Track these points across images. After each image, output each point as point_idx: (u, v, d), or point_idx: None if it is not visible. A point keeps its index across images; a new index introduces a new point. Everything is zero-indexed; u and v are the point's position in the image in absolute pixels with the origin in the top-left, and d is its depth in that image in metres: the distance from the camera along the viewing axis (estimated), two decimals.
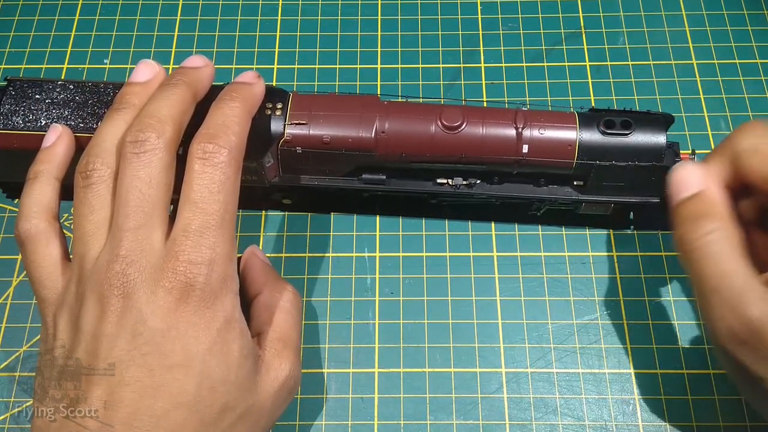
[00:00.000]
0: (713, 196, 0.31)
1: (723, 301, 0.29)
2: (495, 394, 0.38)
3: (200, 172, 0.29)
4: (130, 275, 0.27)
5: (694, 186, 0.31)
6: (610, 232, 0.42)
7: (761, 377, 0.28)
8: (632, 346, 0.39)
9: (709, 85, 0.47)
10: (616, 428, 0.37)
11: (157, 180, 0.29)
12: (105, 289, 0.27)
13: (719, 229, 0.30)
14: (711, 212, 0.30)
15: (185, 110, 0.31)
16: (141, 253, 0.28)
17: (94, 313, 0.27)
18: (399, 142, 0.37)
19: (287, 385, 0.31)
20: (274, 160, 0.38)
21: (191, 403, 0.27)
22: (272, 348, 0.32)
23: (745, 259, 0.29)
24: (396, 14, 0.51)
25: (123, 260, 0.27)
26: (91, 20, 0.50)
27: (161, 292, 0.27)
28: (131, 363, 0.27)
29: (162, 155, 0.29)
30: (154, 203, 0.29)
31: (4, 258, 0.42)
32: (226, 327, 0.28)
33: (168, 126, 0.29)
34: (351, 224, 0.43)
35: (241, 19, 0.50)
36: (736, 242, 0.30)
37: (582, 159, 0.37)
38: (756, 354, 0.28)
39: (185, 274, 0.27)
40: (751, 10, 0.50)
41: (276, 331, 0.32)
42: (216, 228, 0.28)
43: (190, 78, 0.32)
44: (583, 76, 0.48)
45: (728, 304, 0.29)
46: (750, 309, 0.28)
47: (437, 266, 0.41)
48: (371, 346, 0.39)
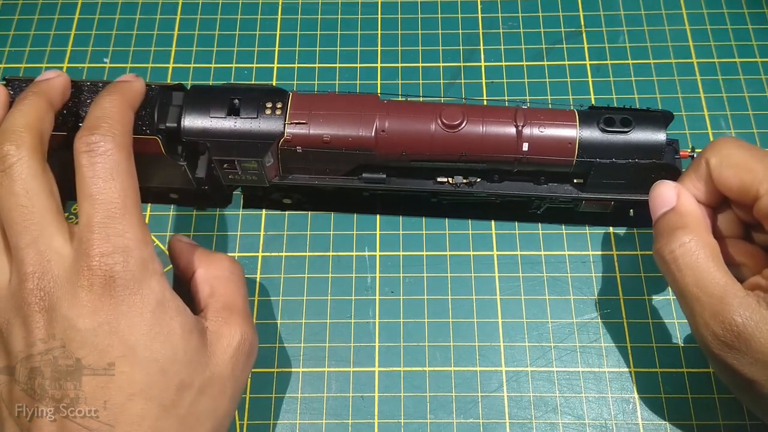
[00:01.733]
0: (687, 209, 0.32)
1: (705, 308, 0.29)
2: (495, 393, 0.38)
3: (89, 164, 0.28)
4: (45, 288, 0.27)
5: (669, 201, 0.33)
6: (610, 230, 0.42)
7: (751, 379, 0.29)
8: (632, 345, 0.39)
9: (709, 83, 0.47)
10: (615, 427, 0.37)
11: (34, 188, 0.28)
12: (25, 310, 0.27)
13: (693, 240, 0.31)
14: (685, 224, 0.31)
15: (41, 117, 0.30)
16: (48, 263, 0.27)
17: (22, 336, 0.27)
18: (399, 141, 0.37)
19: (243, 349, 0.31)
20: (274, 160, 0.38)
21: (145, 390, 0.27)
22: (218, 317, 0.31)
23: (723, 266, 0.30)
24: (396, 13, 0.51)
25: (32, 276, 0.27)
26: (91, 19, 0.50)
27: (82, 293, 0.27)
28: None
29: (28, 163, 0.28)
30: (41, 212, 0.28)
31: None
32: (160, 308, 0.28)
33: (24, 134, 0.29)
34: (351, 223, 0.43)
35: (241, 17, 0.50)
36: (712, 252, 0.31)
37: (582, 157, 0.37)
38: (743, 357, 0.29)
39: (101, 267, 0.27)
40: (751, 9, 0.50)
41: (219, 300, 0.32)
42: (120, 215, 0.28)
43: (40, 88, 0.32)
44: (583, 75, 0.48)
45: (710, 311, 0.29)
46: (732, 314, 0.29)
47: (437, 265, 0.41)
48: (372, 345, 0.39)
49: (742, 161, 0.31)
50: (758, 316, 0.28)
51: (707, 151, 0.33)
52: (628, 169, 0.37)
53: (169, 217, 0.43)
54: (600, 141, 0.37)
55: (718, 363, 0.30)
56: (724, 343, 0.29)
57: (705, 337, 0.30)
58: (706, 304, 0.29)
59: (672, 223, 0.32)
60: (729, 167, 0.32)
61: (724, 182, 0.32)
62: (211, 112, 0.38)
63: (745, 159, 0.31)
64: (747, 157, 0.31)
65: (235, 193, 0.44)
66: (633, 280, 0.41)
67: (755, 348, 0.28)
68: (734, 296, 0.29)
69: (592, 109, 0.38)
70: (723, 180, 0.32)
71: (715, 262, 0.30)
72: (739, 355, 0.29)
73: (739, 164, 0.31)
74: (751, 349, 0.28)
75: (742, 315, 0.28)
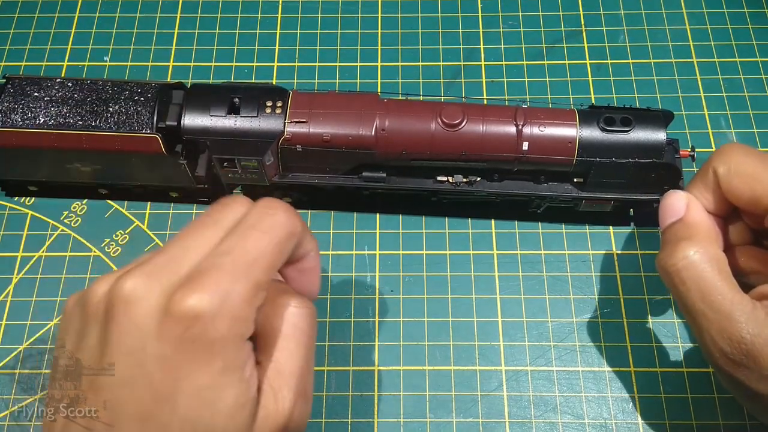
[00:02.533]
0: (694, 220, 0.31)
1: (711, 324, 0.29)
2: (495, 392, 0.38)
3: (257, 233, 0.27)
4: None
5: (678, 211, 0.32)
6: (610, 230, 0.42)
7: (760, 394, 0.28)
8: (632, 345, 0.39)
9: (709, 83, 0.47)
10: (615, 426, 0.37)
11: None
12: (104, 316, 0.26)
13: (699, 252, 0.30)
14: (691, 236, 0.31)
15: None
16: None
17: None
18: (399, 139, 0.37)
19: None
20: (274, 159, 0.38)
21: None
22: (268, 386, 0.27)
23: (730, 280, 0.29)
24: (396, 12, 0.50)
25: None
26: (92, 17, 0.50)
27: (168, 320, 0.25)
28: None
29: None
30: None
31: (4, 255, 0.42)
32: (224, 372, 0.25)
33: None
34: (351, 222, 0.43)
35: (241, 16, 0.50)
36: (718, 265, 0.30)
37: (582, 156, 0.37)
38: (752, 373, 0.28)
39: (194, 305, 0.24)
40: (751, 8, 0.50)
41: (274, 362, 0.28)
42: (241, 273, 0.26)
43: None
44: (583, 74, 0.48)
45: (717, 327, 0.28)
46: (740, 331, 0.28)
47: (437, 264, 0.41)
48: (371, 344, 0.39)
49: (752, 170, 0.30)
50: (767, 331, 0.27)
51: (714, 160, 0.32)
52: (628, 169, 0.37)
53: (168, 216, 0.43)
54: (600, 140, 0.37)
55: (726, 377, 0.29)
56: (732, 360, 0.28)
57: (712, 353, 0.29)
58: (713, 320, 0.28)
59: (678, 234, 0.31)
60: (738, 176, 0.31)
61: (733, 192, 0.31)
62: (212, 111, 0.38)
63: (755, 168, 0.30)
64: (757, 166, 0.30)
65: (235, 192, 0.44)
66: (633, 279, 0.41)
67: (764, 365, 0.28)
68: (742, 312, 0.28)
69: (592, 109, 0.38)
70: (732, 190, 0.31)
71: (721, 276, 0.29)
72: (747, 371, 0.28)
73: (749, 174, 0.30)
74: (759, 366, 0.28)
75: (751, 332, 0.28)
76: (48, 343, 0.39)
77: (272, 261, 0.27)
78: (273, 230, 0.27)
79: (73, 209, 0.43)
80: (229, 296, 0.25)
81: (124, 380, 0.25)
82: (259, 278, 0.26)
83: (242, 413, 0.26)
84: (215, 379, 0.25)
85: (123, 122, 0.37)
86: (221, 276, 0.25)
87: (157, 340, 0.24)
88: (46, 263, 0.42)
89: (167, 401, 0.25)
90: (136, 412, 0.25)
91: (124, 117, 0.37)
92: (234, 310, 0.25)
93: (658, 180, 0.38)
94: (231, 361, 0.25)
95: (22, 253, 0.42)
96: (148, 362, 0.24)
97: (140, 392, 0.25)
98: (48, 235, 0.42)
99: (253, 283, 0.26)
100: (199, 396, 0.25)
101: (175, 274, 0.26)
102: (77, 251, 0.42)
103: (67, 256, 0.42)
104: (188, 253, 0.26)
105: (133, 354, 0.25)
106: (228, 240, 0.27)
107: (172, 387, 0.25)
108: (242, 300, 0.25)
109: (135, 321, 0.25)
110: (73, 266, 0.42)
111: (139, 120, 0.37)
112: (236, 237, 0.27)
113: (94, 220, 0.43)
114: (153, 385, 0.25)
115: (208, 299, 0.25)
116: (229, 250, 0.26)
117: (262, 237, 0.27)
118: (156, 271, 0.26)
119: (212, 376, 0.25)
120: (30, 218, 0.43)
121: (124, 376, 0.25)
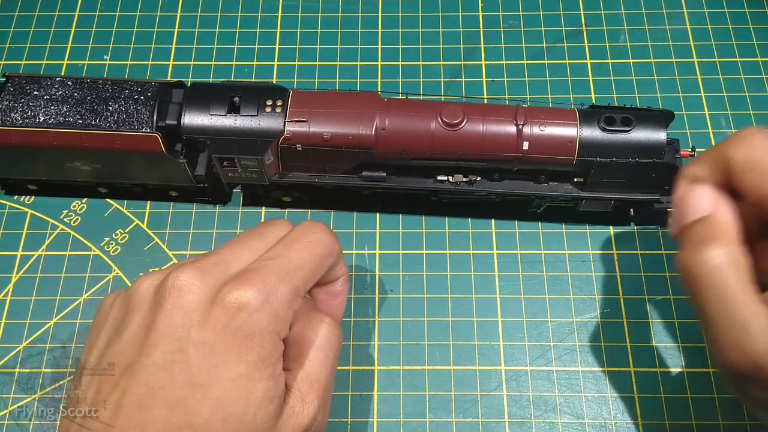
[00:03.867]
0: (722, 220, 0.29)
1: (726, 333, 0.27)
2: (494, 392, 0.38)
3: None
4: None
5: (703, 209, 0.29)
6: (610, 229, 0.42)
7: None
8: (632, 344, 0.39)
9: (710, 82, 0.47)
10: (615, 426, 0.37)
11: None
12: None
13: (726, 255, 0.28)
14: (718, 237, 0.28)
15: None
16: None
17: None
18: (399, 139, 0.37)
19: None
20: (274, 158, 0.38)
21: (201, 426, 0.26)
22: (297, 390, 0.29)
23: (750, 287, 0.27)
24: (397, 11, 0.50)
25: None
26: (92, 16, 0.50)
27: (216, 307, 0.28)
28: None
29: None
30: None
31: (4, 254, 0.42)
32: (258, 364, 0.27)
33: None
34: (351, 221, 0.43)
35: (241, 15, 0.50)
36: (743, 270, 0.28)
37: (582, 156, 0.37)
38: (763, 388, 0.27)
39: (241, 296, 0.28)
40: (752, 8, 0.50)
41: (303, 368, 0.30)
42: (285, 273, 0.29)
43: None
44: (584, 73, 0.47)
45: (730, 337, 0.27)
46: (754, 344, 0.26)
47: (437, 264, 0.41)
48: (371, 344, 0.39)
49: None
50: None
51: (731, 147, 0.29)
52: (629, 169, 0.37)
53: (168, 215, 0.43)
54: (600, 140, 0.37)
55: (734, 386, 0.28)
56: (742, 372, 0.27)
57: (723, 363, 0.28)
58: (728, 329, 0.27)
59: (703, 233, 0.29)
60: (757, 171, 0.28)
61: (750, 186, 0.28)
62: (212, 110, 0.38)
63: None
64: None
65: (235, 191, 0.44)
66: (633, 279, 0.41)
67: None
68: (760, 323, 0.26)
69: (592, 108, 0.38)
70: (749, 183, 0.28)
71: (742, 283, 0.27)
72: (758, 384, 0.27)
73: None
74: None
75: (764, 344, 0.26)
76: (47, 342, 0.39)
77: (312, 272, 0.30)
78: (315, 245, 0.31)
79: (73, 208, 0.43)
80: (273, 294, 0.28)
81: (164, 364, 0.27)
82: (299, 285, 0.29)
83: (269, 407, 0.28)
84: (250, 370, 0.27)
85: (123, 121, 0.37)
86: (267, 276, 0.28)
87: (202, 327, 0.27)
88: (45, 262, 0.42)
89: (201, 387, 0.27)
90: (168, 397, 0.26)
91: (123, 116, 0.37)
92: (276, 308, 0.28)
93: (659, 180, 0.38)
94: (266, 355, 0.28)
95: (22, 251, 0.42)
96: (190, 348, 0.27)
97: (177, 376, 0.27)
98: (47, 234, 0.42)
99: (294, 287, 0.29)
100: (234, 384, 0.27)
101: (225, 273, 0.29)
102: (77, 250, 0.42)
103: (67, 254, 0.42)
104: (237, 257, 0.30)
105: (177, 339, 0.27)
106: (274, 248, 0.30)
107: (209, 373, 0.27)
108: (284, 300, 0.28)
109: (184, 308, 0.27)
110: (73, 265, 0.42)
111: (138, 119, 0.37)
112: (282, 246, 0.30)
113: (94, 219, 0.43)
114: (190, 369, 0.27)
115: (254, 293, 0.27)
116: (275, 255, 0.29)
117: (305, 249, 0.30)
118: (208, 269, 0.28)
119: (248, 366, 0.27)
120: (29, 217, 0.43)
121: (164, 360, 0.27)
